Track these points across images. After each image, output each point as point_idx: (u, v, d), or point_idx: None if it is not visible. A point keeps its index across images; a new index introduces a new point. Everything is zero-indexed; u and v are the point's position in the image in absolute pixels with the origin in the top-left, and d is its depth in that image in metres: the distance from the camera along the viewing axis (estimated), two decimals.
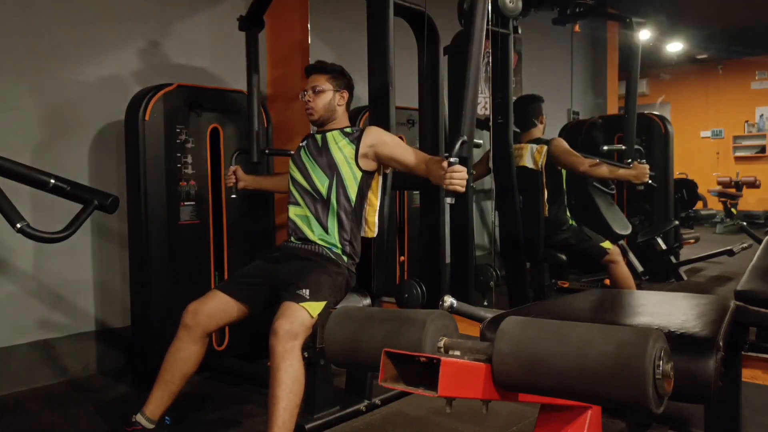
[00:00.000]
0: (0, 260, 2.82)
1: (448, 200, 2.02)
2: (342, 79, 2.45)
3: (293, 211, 2.43)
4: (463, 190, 1.98)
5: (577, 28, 4.94)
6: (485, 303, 3.35)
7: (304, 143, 2.51)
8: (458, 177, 1.96)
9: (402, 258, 3.89)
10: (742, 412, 1.75)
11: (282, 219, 3.33)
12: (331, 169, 2.37)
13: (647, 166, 3.58)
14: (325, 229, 2.35)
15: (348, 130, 2.43)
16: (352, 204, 2.37)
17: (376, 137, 2.36)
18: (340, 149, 2.38)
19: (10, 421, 2.53)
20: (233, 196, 2.77)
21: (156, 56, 3.29)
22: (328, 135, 2.43)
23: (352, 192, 2.37)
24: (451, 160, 1.95)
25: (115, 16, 3.13)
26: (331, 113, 2.43)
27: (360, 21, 2.64)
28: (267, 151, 3.09)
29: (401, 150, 2.32)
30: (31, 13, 2.86)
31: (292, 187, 2.46)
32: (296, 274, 2.19)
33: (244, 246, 3.17)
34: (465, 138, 1.94)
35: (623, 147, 3.89)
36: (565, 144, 3.62)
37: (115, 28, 3.13)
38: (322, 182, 2.37)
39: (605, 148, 3.99)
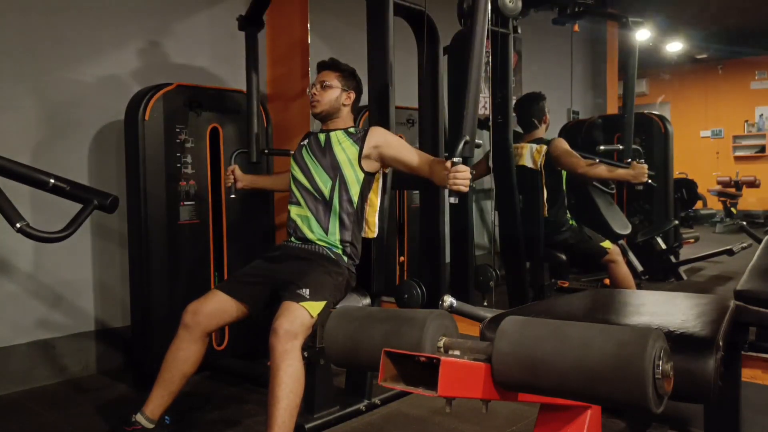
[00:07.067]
0: (0, 260, 2.82)
1: (452, 200, 2.08)
2: (352, 80, 2.46)
3: (294, 211, 2.42)
4: (466, 189, 2.02)
5: (576, 28, 4.94)
6: (485, 303, 3.35)
7: (305, 142, 2.50)
8: (461, 177, 2.01)
9: (402, 258, 3.89)
10: (742, 412, 1.75)
11: (282, 219, 3.33)
12: (334, 170, 2.36)
13: (645, 166, 3.54)
14: (326, 230, 2.34)
15: (352, 130, 2.43)
16: (354, 205, 2.36)
17: (380, 138, 2.36)
18: (344, 150, 2.37)
19: (10, 421, 2.53)
20: (232, 196, 2.75)
21: (156, 56, 3.29)
22: (332, 135, 2.42)
23: (355, 193, 2.36)
24: (455, 160, 2.00)
25: (115, 16, 3.13)
26: (335, 110, 2.42)
27: (360, 21, 2.64)
28: (266, 151, 3.10)
29: (406, 151, 2.33)
30: (30, 13, 2.86)
31: (293, 186, 2.45)
32: (296, 273, 2.19)
33: (244, 246, 3.17)
34: (467, 138, 1.99)
35: (620, 147, 3.89)
36: (565, 144, 3.61)
37: (115, 28, 3.13)
38: (324, 183, 2.37)
39: (602, 147, 3.98)
